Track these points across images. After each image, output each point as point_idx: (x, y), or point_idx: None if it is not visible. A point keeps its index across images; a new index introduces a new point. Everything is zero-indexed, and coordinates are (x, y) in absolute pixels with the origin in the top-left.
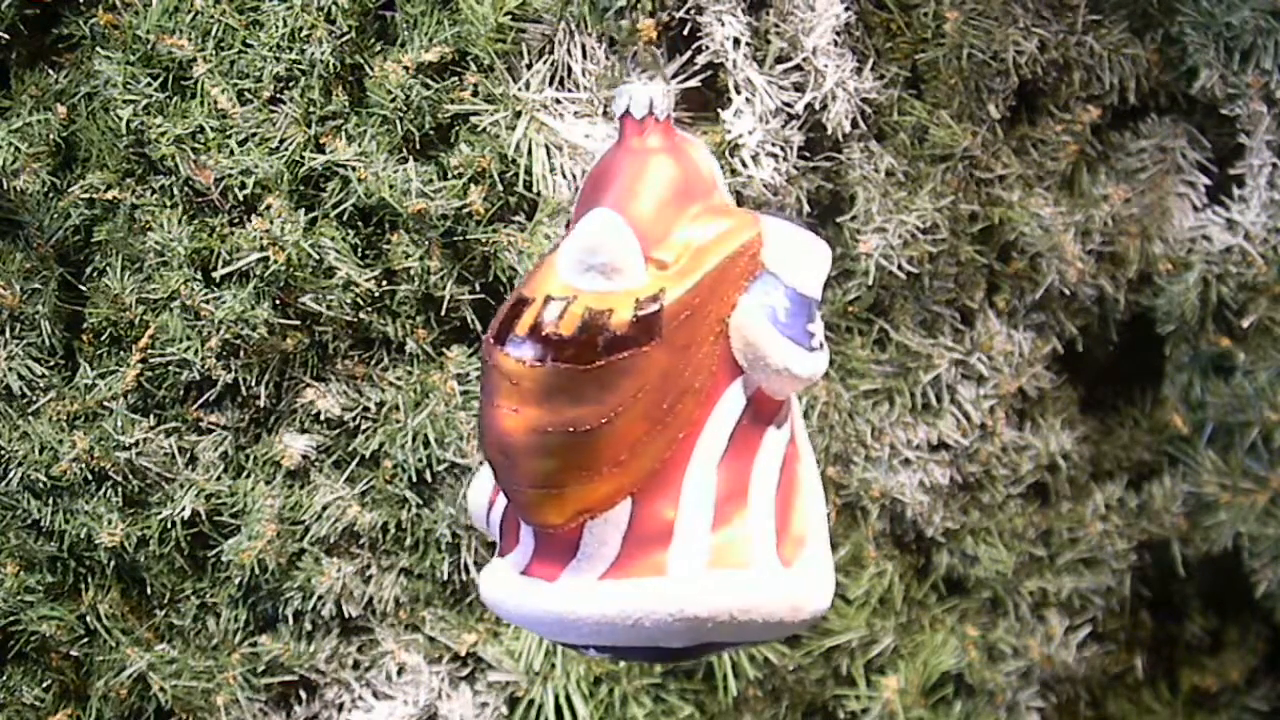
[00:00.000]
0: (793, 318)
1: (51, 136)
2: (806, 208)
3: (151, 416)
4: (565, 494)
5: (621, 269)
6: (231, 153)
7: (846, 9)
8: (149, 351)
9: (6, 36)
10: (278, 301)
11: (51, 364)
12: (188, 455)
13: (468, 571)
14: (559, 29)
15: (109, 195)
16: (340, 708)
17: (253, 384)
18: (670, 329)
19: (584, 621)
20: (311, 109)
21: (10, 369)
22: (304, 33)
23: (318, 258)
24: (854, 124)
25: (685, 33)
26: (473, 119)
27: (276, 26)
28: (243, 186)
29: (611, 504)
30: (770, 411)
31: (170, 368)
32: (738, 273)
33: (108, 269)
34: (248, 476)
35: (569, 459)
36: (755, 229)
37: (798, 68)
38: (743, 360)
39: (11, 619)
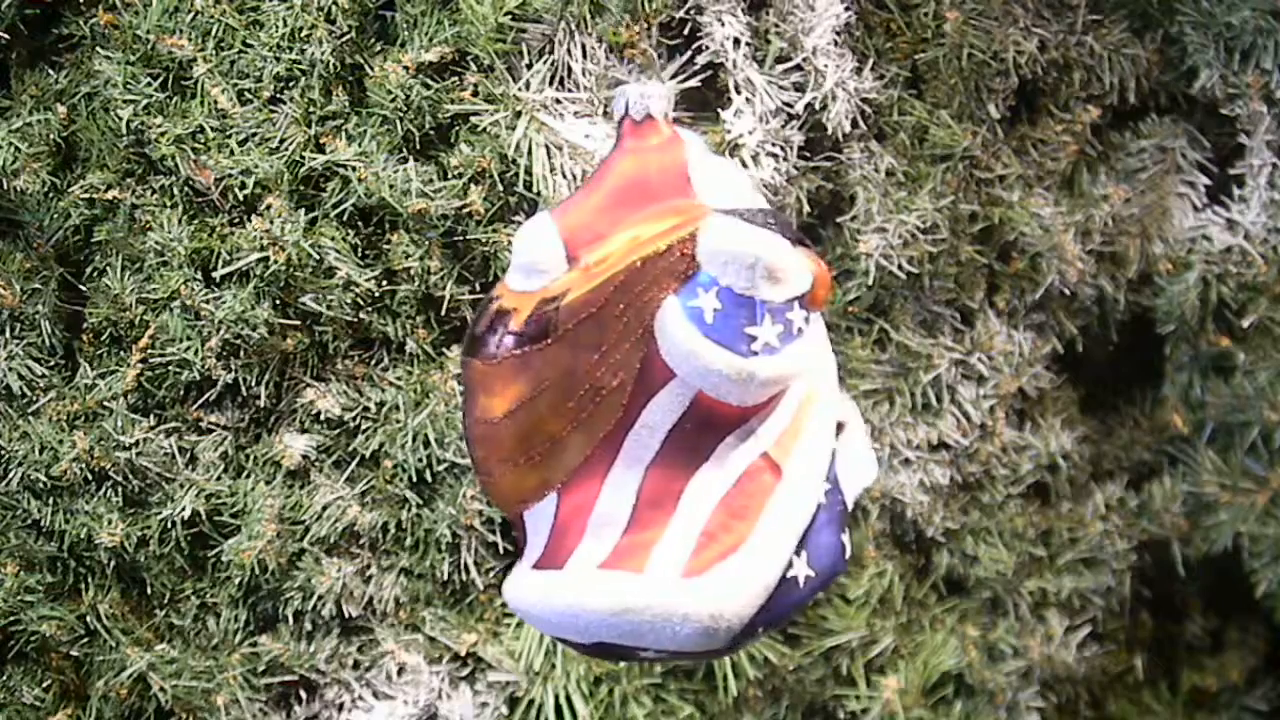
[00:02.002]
0: (724, 319)
1: (51, 136)
2: (806, 208)
3: (151, 416)
4: (498, 482)
5: (544, 269)
6: (231, 153)
7: (846, 9)
8: (149, 351)
9: (6, 36)
10: (278, 301)
11: (51, 364)
12: (188, 455)
13: (468, 571)
14: (559, 29)
15: (109, 195)
16: (340, 708)
17: (253, 384)
18: (570, 328)
19: (517, 607)
20: (311, 109)
21: (10, 369)
22: (304, 33)
23: (318, 258)
24: (854, 124)
25: (685, 33)
26: (473, 119)
27: (276, 26)
28: (243, 186)
29: (540, 496)
30: (728, 417)
31: (170, 368)
32: (661, 273)
33: (108, 269)
34: (248, 476)
35: (490, 449)
36: (691, 228)
37: (798, 68)
38: (669, 362)
39: (11, 619)
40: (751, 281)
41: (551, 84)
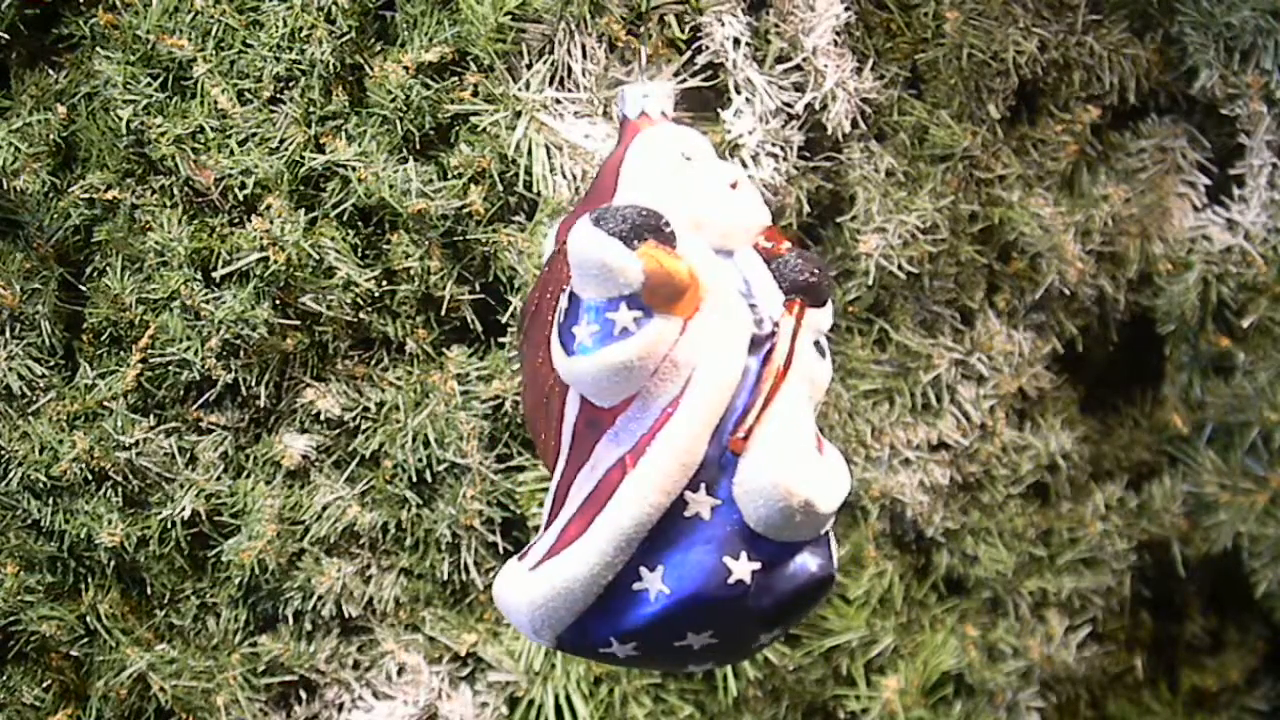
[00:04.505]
0: (567, 317)
1: (51, 136)
2: (806, 208)
3: (151, 416)
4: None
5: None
6: (231, 153)
7: (846, 9)
8: (149, 351)
9: (6, 36)
10: (278, 301)
11: (51, 364)
12: (188, 455)
13: (468, 571)
14: (559, 29)
15: (109, 195)
16: (340, 708)
17: (253, 384)
18: (524, 326)
19: None
20: (311, 109)
21: (10, 369)
22: (304, 33)
23: (318, 258)
24: (854, 124)
25: (685, 33)
26: (473, 119)
27: (276, 26)
28: (243, 186)
29: (552, 482)
30: (602, 417)
31: (170, 368)
32: (559, 271)
33: (108, 269)
34: (248, 476)
35: None
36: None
37: (798, 68)
38: None
39: (11, 619)
40: (580, 280)
41: (551, 84)
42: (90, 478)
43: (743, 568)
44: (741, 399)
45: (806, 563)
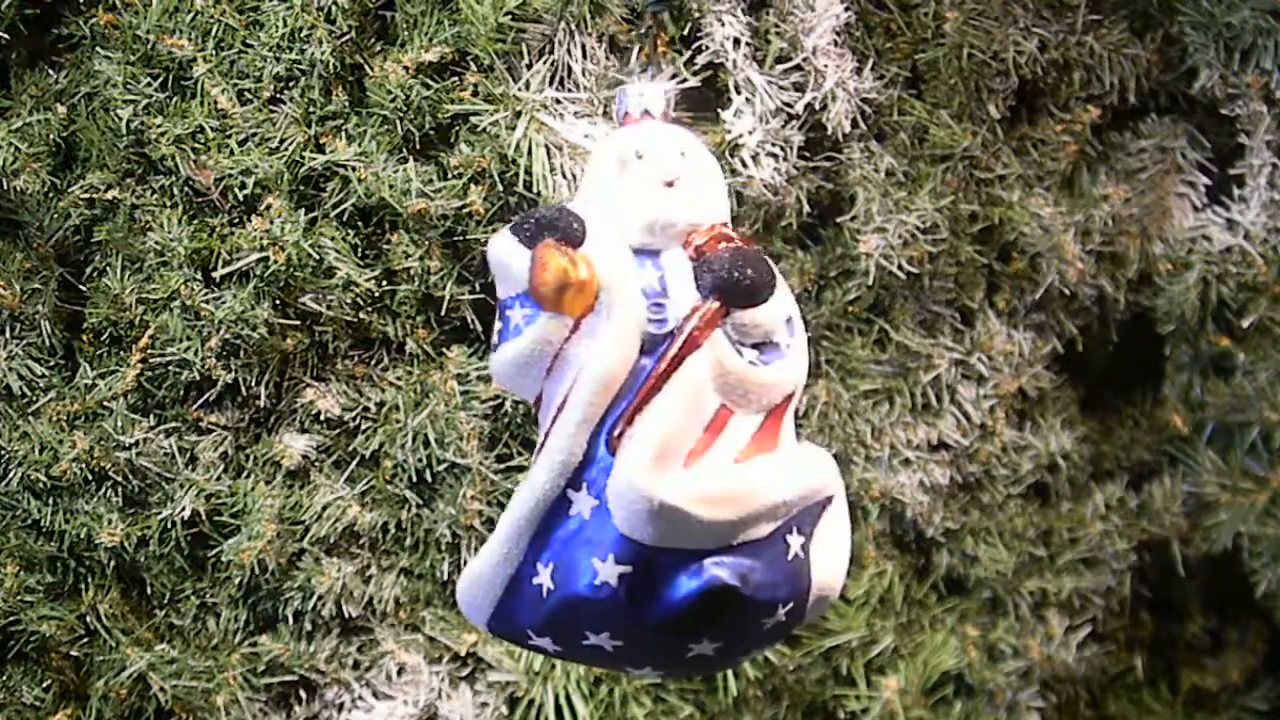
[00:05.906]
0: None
1: (51, 136)
2: (806, 208)
3: (151, 416)
4: None
5: None
6: (231, 153)
7: (846, 9)
8: (149, 351)
9: (6, 36)
10: (278, 301)
11: (51, 364)
12: (188, 455)
13: None
14: (559, 29)
15: (109, 195)
16: (340, 708)
17: (253, 384)
18: None
19: None
20: (311, 109)
21: (10, 369)
22: (304, 33)
23: (318, 258)
24: (854, 124)
25: (685, 33)
26: (473, 119)
27: (276, 26)
28: (243, 186)
29: None
30: (535, 413)
31: (170, 368)
32: None
33: (108, 269)
34: (248, 476)
35: None
36: None
37: (798, 68)
38: None
39: (11, 619)
40: (495, 280)
41: (551, 84)
42: (90, 478)
43: (609, 570)
44: (627, 399)
45: (701, 571)
